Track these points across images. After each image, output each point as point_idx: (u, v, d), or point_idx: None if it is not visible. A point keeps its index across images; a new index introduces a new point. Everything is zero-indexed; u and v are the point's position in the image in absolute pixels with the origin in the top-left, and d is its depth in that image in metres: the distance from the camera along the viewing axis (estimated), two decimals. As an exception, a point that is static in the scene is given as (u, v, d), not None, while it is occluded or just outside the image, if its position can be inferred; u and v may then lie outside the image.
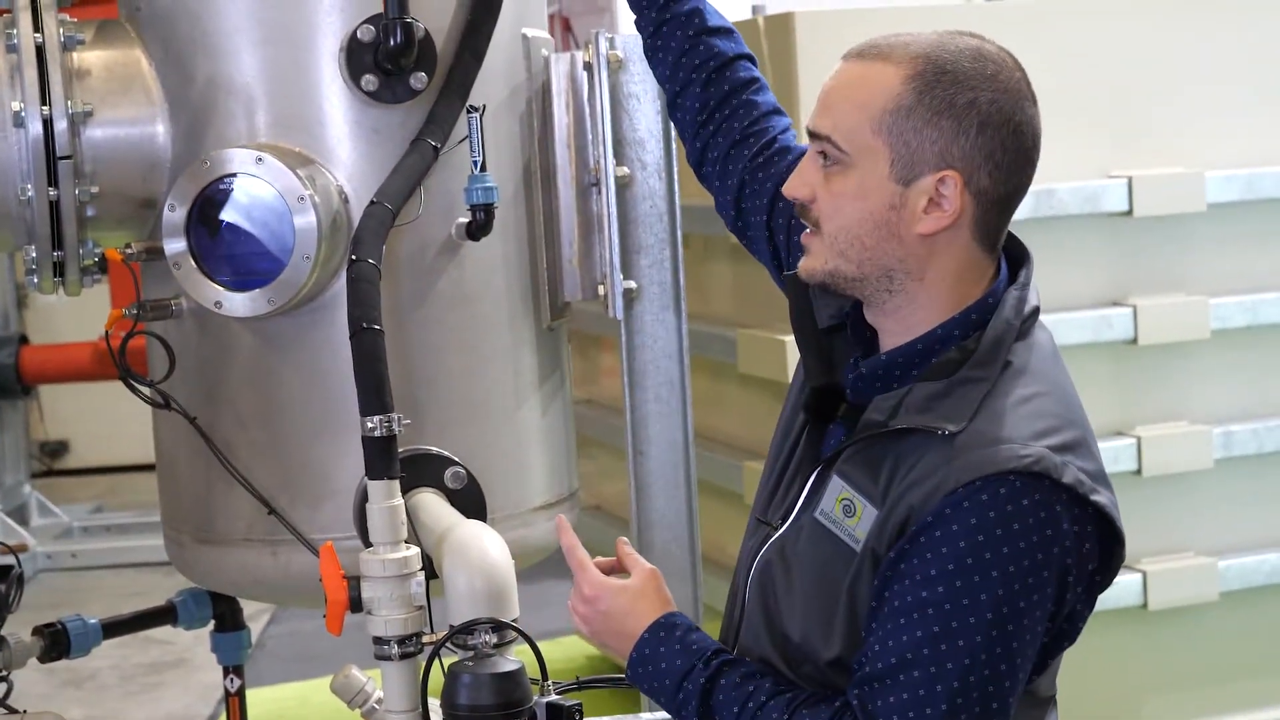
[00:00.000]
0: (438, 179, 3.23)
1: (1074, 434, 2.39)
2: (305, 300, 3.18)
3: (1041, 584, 2.31)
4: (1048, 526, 2.30)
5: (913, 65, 2.38)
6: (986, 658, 2.29)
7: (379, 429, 2.86)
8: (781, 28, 4.82)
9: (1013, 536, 2.28)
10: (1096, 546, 2.36)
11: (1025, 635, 2.32)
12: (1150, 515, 4.97)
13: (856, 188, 2.41)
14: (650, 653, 2.52)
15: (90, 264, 3.33)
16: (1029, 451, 2.31)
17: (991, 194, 2.40)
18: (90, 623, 3.83)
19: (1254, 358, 5.07)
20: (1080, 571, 2.35)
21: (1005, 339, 2.41)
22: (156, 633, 4.35)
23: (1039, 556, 2.29)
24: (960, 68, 2.38)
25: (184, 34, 3.27)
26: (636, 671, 2.54)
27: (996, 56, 2.42)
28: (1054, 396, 2.41)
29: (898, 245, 2.41)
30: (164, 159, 3.29)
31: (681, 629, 2.53)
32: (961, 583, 2.29)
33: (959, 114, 2.36)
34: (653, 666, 2.51)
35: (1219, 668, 5.08)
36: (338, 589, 2.82)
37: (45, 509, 9.94)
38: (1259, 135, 5.11)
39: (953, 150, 2.37)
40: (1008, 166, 2.40)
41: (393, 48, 3.14)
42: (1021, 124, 2.40)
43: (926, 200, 2.38)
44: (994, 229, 2.44)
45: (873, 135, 2.39)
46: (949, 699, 2.29)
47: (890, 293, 2.45)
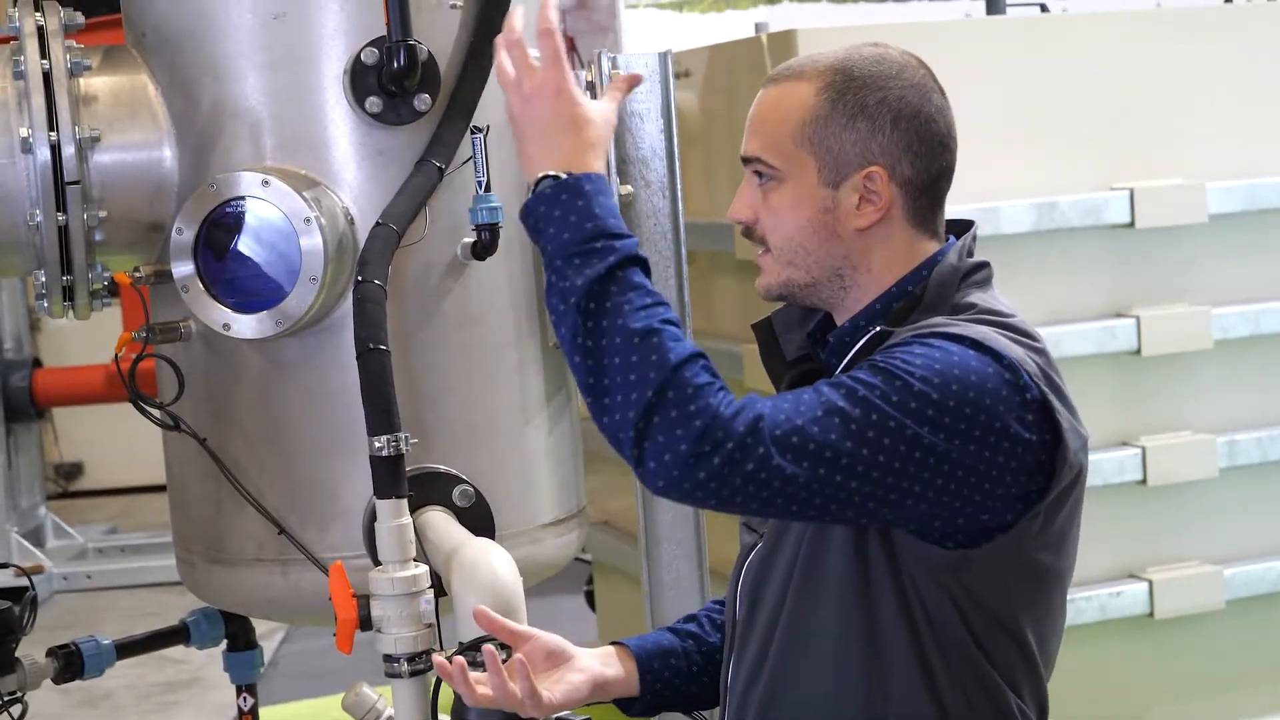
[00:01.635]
0: (443, 200, 3.24)
1: (1034, 344, 2.46)
2: (312, 322, 3.18)
3: (968, 423, 2.33)
4: (986, 374, 2.34)
5: (822, 78, 2.53)
6: (881, 419, 2.30)
7: (386, 448, 2.87)
8: (784, 45, 4.82)
9: (952, 366, 2.33)
10: (1036, 423, 2.38)
11: (935, 437, 2.32)
12: (1156, 524, 4.96)
13: (792, 199, 2.54)
14: (590, 188, 2.38)
15: (99, 287, 3.34)
16: (969, 327, 2.40)
17: (916, 181, 2.54)
18: (104, 643, 3.83)
19: (1257, 367, 5.06)
20: (1021, 429, 2.36)
21: (950, 281, 2.53)
22: (171, 652, 4.35)
23: (972, 394, 2.33)
24: (866, 72, 2.53)
25: (189, 59, 3.28)
26: (558, 195, 2.38)
27: (899, 59, 2.57)
28: (1017, 321, 2.50)
29: (839, 244, 2.54)
30: (171, 183, 3.30)
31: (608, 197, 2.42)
32: (894, 394, 2.32)
33: (872, 113, 2.51)
34: (584, 201, 2.37)
35: (1225, 676, 5.07)
36: (347, 607, 2.83)
37: (60, 530, 9.95)
38: (1259, 146, 5.10)
39: (872, 147, 2.51)
40: (926, 154, 2.54)
41: (396, 70, 3.15)
42: (931, 114, 2.54)
43: (858, 198, 2.52)
44: (926, 213, 2.57)
45: (796, 147, 2.53)
46: (829, 409, 2.30)
47: (844, 290, 2.57)
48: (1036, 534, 2.44)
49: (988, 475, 2.36)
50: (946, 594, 2.44)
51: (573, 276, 2.34)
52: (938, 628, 2.44)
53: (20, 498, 9.59)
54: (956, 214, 4.28)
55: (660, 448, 2.28)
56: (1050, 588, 2.52)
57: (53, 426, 11.02)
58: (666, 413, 2.28)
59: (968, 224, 2.66)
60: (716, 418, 2.28)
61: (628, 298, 2.33)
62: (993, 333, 2.42)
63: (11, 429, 9.47)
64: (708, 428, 2.27)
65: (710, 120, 5.30)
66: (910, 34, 4.97)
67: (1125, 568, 4.93)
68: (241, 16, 3.24)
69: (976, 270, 2.58)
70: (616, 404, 2.30)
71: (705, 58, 5.34)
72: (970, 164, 4.70)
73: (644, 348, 2.30)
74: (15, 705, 3.58)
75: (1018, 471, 2.38)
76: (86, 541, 9.92)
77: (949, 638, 2.45)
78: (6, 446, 9.32)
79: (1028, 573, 2.47)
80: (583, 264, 2.34)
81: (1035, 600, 2.50)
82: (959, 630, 2.45)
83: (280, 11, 3.22)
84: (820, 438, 2.30)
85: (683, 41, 5.76)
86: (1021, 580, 2.47)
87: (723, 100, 5.24)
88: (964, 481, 2.35)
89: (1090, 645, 4.74)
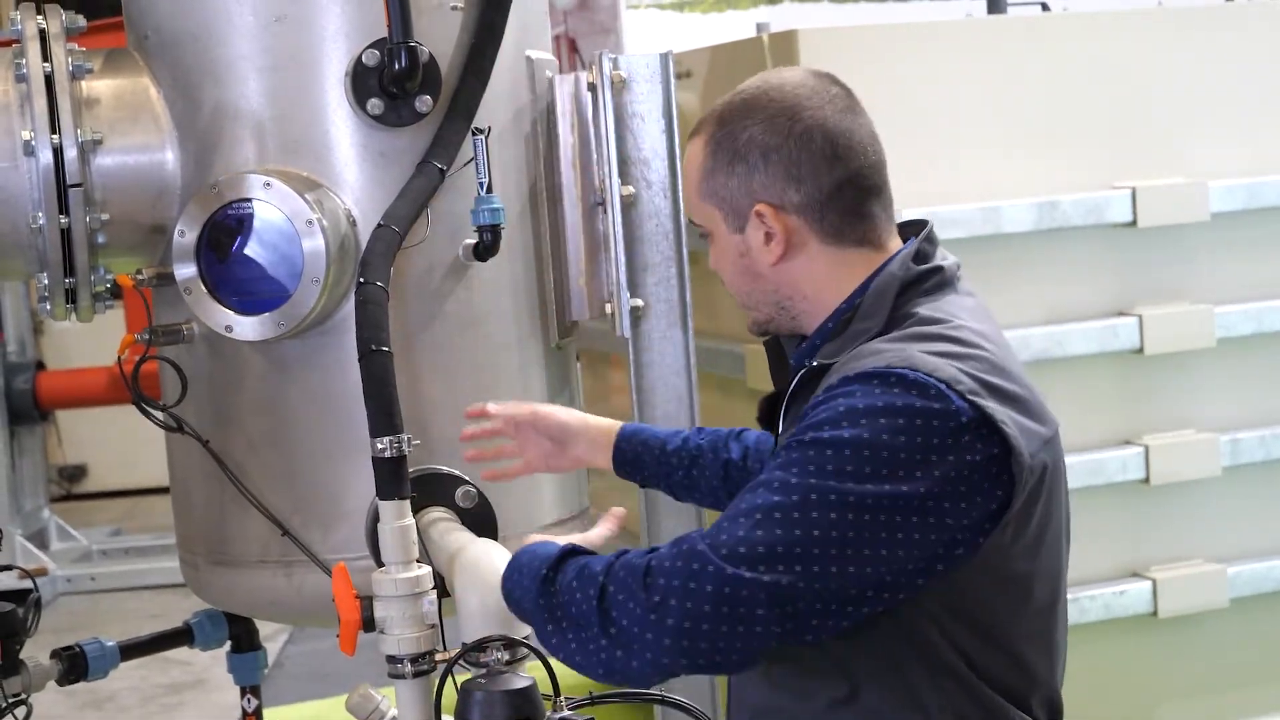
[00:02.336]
0: (444, 201, 3.24)
1: (970, 350, 2.44)
2: (315, 323, 3.18)
3: (905, 457, 2.32)
4: (912, 413, 2.33)
5: (707, 129, 2.63)
6: (822, 498, 2.31)
7: (389, 450, 2.87)
8: (785, 45, 4.82)
9: (876, 416, 2.33)
10: (978, 441, 2.35)
11: (878, 501, 2.31)
12: (1159, 523, 4.96)
13: (719, 251, 2.68)
14: (515, 563, 2.60)
15: (102, 290, 3.34)
16: (896, 353, 2.40)
17: (812, 202, 2.57)
18: (108, 645, 3.83)
19: (1260, 365, 5.06)
20: (957, 459, 2.34)
21: (888, 289, 2.54)
22: (175, 654, 4.35)
23: (901, 436, 2.32)
24: (735, 113, 2.60)
25: (191, 61, 3.28)
26: (505, 586, 2.60)
27: (777, 83, 2.61)
28: (960, 330, 2.48)
29: (765, 282, 2.63)
30: (173, 185, 3.30)
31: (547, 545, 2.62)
32: (816, 463, 2.33)
33: (743, 154, 2.58)
34: (518, 574, 2.57)
35: (1229, 674, 5.06)
36: (350, 609, 2.83)
37: (64, 533, 9.97)
38: (1261, 144, 5.10)
39: (753, 186, 2.58)
40: (810, 173, 2.56)
41: (397, 72, 3.15)
42: (801, 133, 2.56)
43: (763, 235, 2.59)
44: (842, 226, 2.59)
45: (702, 203, 2.65)
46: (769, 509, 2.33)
47: (795, 318, 2.65)
48: (1010, 544, 2.42)
49: (939, 511, 2.34)
50: (930, 618, 2.42)
51: (540, 613, 2.53)
52: (926, 655, 2.43)
53: (24, 500, 9.60)
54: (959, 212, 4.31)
55: (628, 632, 2.37)
56: (1035, 592, 2.50)
57: (56, 429, 11.02)
58: (614, 599, 2.39)
59: (921, 224, 2.65)
60: (651, 570, 2.36)
61: (567, 578, 2.47)
62: (920, 354, 2.39)
63: (15, 431, 9.48)
64: (650, 582, 2.35)
65: (712, 121, 5.30)
66: (911, 34, 4.98)
67: (1129, 567, 4.93)
68: (243, 19, 3.24)
69: (925, 278, 2.56)
70: (584, 641, 2.44)
71: (707, 58, 5.34)
72: (971, 163, 4.75)
73: (580, 583, 2.44)
74: (20, 707, 3.58)
75: (970, 495, 2.36)
76: (90, 544, 9.94)
77: (938, 663, 2.44)
78: (10, 449, 9.33)
79: (1008, 583, 2.46)
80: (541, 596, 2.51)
81: (1021, 608, 2.49)
82: (948, 654, 2.44)
83: (281, 14, 3.22)
84: (766, 539, 2.31)
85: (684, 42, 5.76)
86: (1002, 591, 2.46)
87: (725, 101, 5.24)
88: (920, 526, 2.33)
89: (1094, 644, 4.73)
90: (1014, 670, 2.49)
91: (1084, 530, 4.76)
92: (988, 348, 2.47)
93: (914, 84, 4.65)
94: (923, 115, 4.63)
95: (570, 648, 2.47)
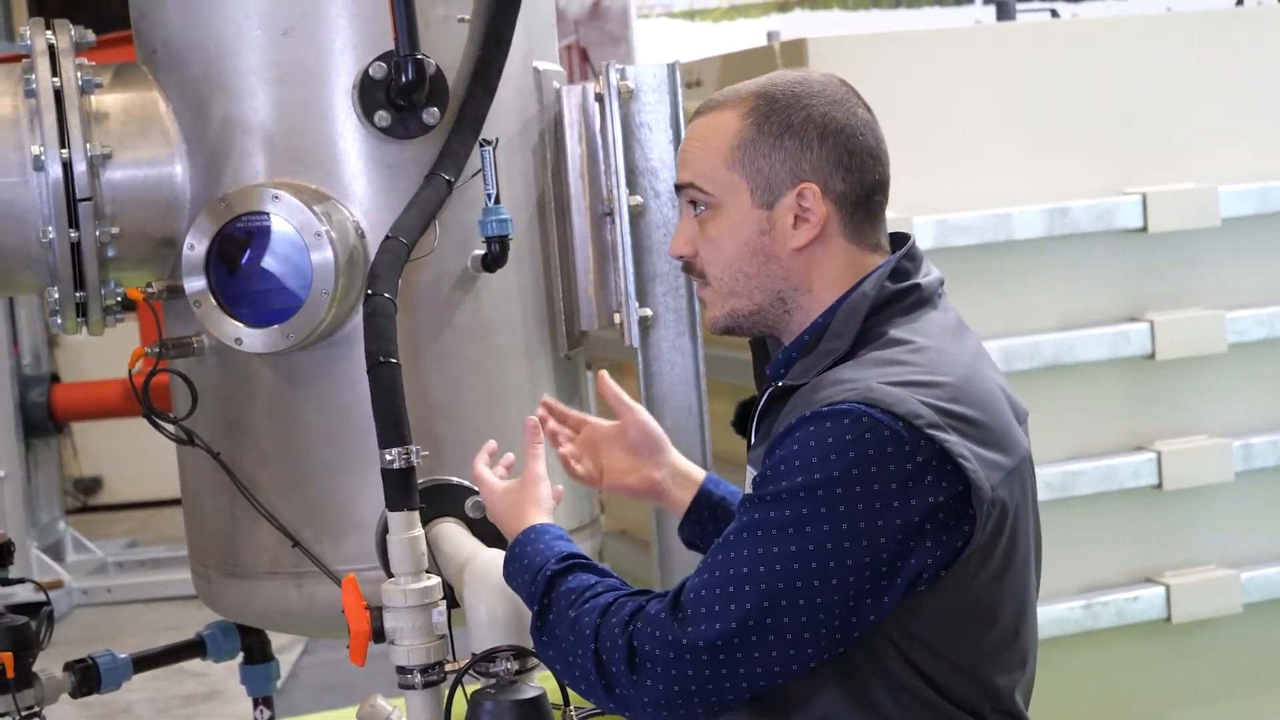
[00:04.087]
0: (452, 212, 3.25)
1: (933, 377, 2.43)
2: (324, 335, 3.20)
3: (863, 507, 2.33)
4: (870, 455, 2.33)
5: (745, 104, 2.57)
6: (789, 566, 2.33)
7: (398, 461, 2.88)
8: (796, 54, 4.83)
9: (830, 465, 2.33)
10: (941, 479, 2.36)
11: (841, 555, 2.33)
12: (1172, 529, 4.96)
13: (728, 225, 2.57)
14: (519, 550, 2.62)
15: (113, 303, 3.35)
16: (857, 386, 2.38)
17: (849, 196, 2.55)
18: (120, 657, 3.85)
19: (1272, 370, 5.06)
20: (919, 502, 2.34)
21: (858, 308, 2.51)
22: (190, 665, 4.37)
23: (857, 486, 2.32)
24: (788, 93, 2.55)
25: (200, 75, 3.30)
26: (508, 569, 2.64)
27: (820, 79, 2.59)
28: (925, 354, 2.47)
29: (778, 266, 2.56)
30: (182, 198, 3.31)
31: (551, 534, 2.64)
32: (775, 511, 2.35)
33: (798, 131, 2.53)
34: (519, 563, 2.61)
35: (1243, 680, 5.06)
36: (360, 620, 2.84)
37: (80, 545, 9.98)
38: (1272, 149, 5.10)
39: (802, 165, 2.53)
40: (857, 167, 2.55)
41: (405, 84, 3.16)
42: (857, 128, 2.56)
43: (793, 217, 2.54)
44: (864, 227, 2.58)
45: (728, 172, 2.56)
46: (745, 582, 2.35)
47: (788, 314, 2.59)
48: (973, 575, 2.42)
49: (904, 553, 2.34)
50: (890, 642, 2.43)
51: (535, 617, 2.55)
52: (884, 671, 2.43)
53: (40, 512, 9.62)
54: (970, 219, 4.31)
55: (626, 689, 2.42)
56: (999, 618, 2.49)
57: (71, 441, 11.04)
58: (607, 668, 2.42)
59: (903, 238, 2.63)
60: (634, 649, 2.40)
61: (557, 610, 2.50)
62: (880, 387, 2.37)
63: (30, 444, 9.50)
64: (631, 645, 2.40)
65: (722, 129, 5.31)
66: (921, 41, 4.98)
67: (1141, 572, 4.92)
68: (251, 32, 3.25)
69: (901, 296, 2.54)
70: (581, 671, 2.46)
71: (717, 67, 5.35)
72: (981, 170, 4.76)
73: (576, 640, 2.46)
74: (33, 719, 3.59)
75: (935, 534, 2.36)
76: (106, 555, 9.95)
77: (898, 681, 2.44)
78: (26, 461, 9.35)
79: (971, 611, 2.45)
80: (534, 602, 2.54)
81: (984, 634, 2.48)
82: (907, 674, 2.44)
83: (289, 27, 3.23)
84: (737, 615, 2.35)
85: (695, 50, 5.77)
86: (965, 618, 2.45)
87: (734, 109, 5.25)
88: (888, 572, 2.34)
89: (1107, 650, 4.73)
90: (976, 692, 2.48)
91: (1096, 536, 4.79)
92: (951, 373, 2.45)
93: (924, 91, 4.66)
94: (932, 122, 4.64)
95: (563, 668, 2.52)
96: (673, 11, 8.76)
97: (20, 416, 9.30)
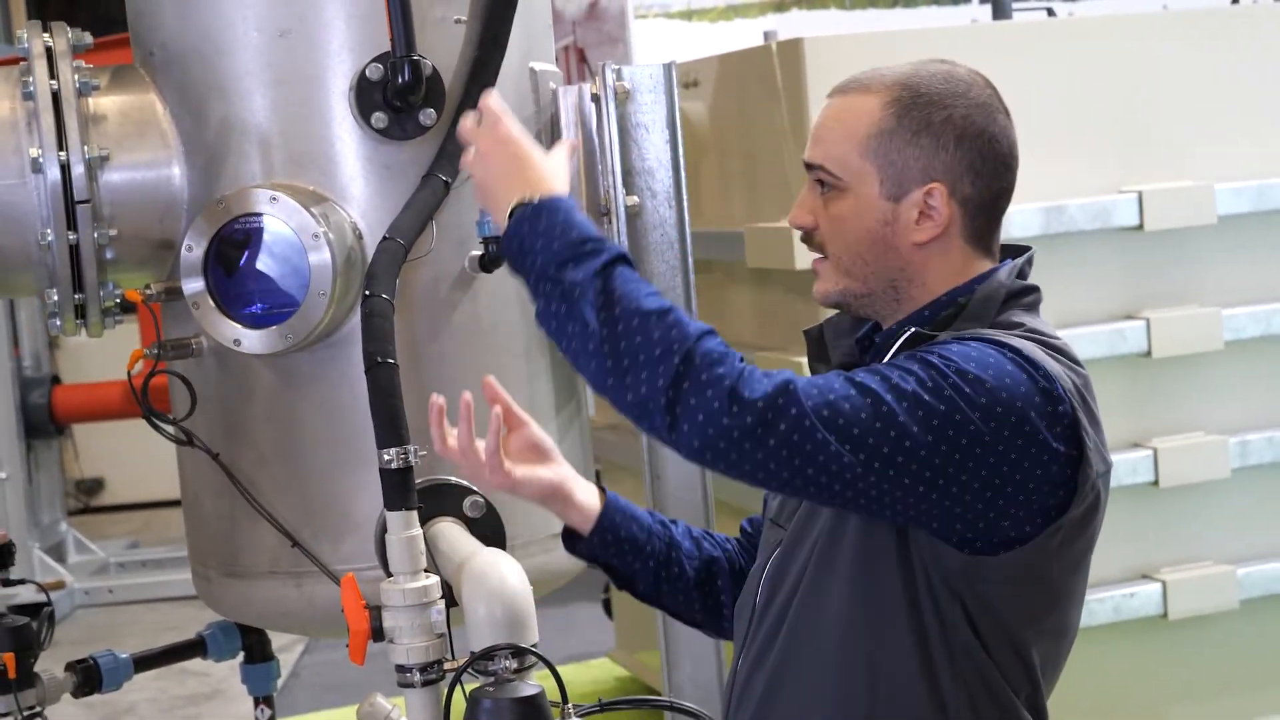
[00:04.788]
0: (450, 213, 3.25)
1: (1072, 365, 2.47)
2: (322, 336, 3.20)
3: (1014, 418, 2.35)
4: (1026, 392, 2.36)
5: (889, 92, 2.54)
6: (913, 406, 2.33)
7: (395, 461, 2.88)
8: (792, 53, 4.83)
9: (990, 368, 2.36)
10: (1064, 441, 2.40)
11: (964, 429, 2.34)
12: (1169, 525, 4.96)
13: (852, 209, 2.56)
14: (566, 205, 2.47)
15: (111, 305, 3.36)
16: (1017, 338, 2.43)
17: (975, 200, 2.55)
18: (121, 657, 3.85)
19: (1268, 368, 5.06)
20: (1045, 441, 2.38)
21: (996, 295, 2.53)
22: (193, 665, 4.37)
23: (1017, 402, 2.35)
24: (933, 89, 2.54)
25: (197, 77, 3.30)
26: (538, 213, 2.45)
27: (966, 77, 2.58)
28: (1059, 344, 2.51)
29: (896, 257, 2.55)
30: (180, 200, 3.31)
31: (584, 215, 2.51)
32: (925, 370, 2.36)
33: (936, 131, 2.52)
34: (564, 215, 2.44)
35: (1240, 675, 5.06)
36: (359, 619, 2.84)
37: (82, 546, 9.98)
38: (1267, 147, 5.10)
39: (935, 164, 2.52)
40: (988, 174, 2.55)
41: (401, 85, 3.16)
42: (995, 134, 2.55)
43: (917, 213, 2.53)
44: (983, 231, 2.58)
45: (860, 159, 2.54)
46: (863, 390, 2.34)
47: (897, 301, 2.59)
48: (1055, 551, 2.44)
49: (1012, 477, 2.37)
50: (958, 599, 2.45)
51: (573, 274, 2.39)
52: (947, 629, 2.45)
53: (41, 513, 9.62)
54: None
55: (693, 409, 2.32)
56: (1063, 607, 2.52)
57: (73, 443, 11.04)
58: (696, 376, 2.32)
59: (1025, 249, 2.65)
60: (744, 377, 2.33)
61: (633, 284, 2.39)
62: (1034, 347, 2.43)
63: (32, 445, 9.50)
64: (737, 387, 2.32)
65: (721, 129, 5.31)
66: (918, 40, 4.98)
67: (1138, 569, 4.93)
68: (248, 35, 3.26)
69: (1026, 293, 2.58)
70: (642, 379, 2.34)
71: (715, 67, 5.35)
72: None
73: (662, 324, 2.35)
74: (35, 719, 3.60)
75: (1042, 480, 2.39)
76: (108, 556, 9.94)
77: (958, 641, 2.46)
78: (27, 463, 9.35)
79: (1041, 589, 2.48)
80: (580, 263, 2.40)
81: (1045, 619, 2.51)
82: (967, 634, 2.46)
83: (286, 29, 3.24)
84: (852, 415, 2.33)
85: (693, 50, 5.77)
86: (1034, 597, 2.48)
87: (733, 109, 5.26)
88: (989, 480, 2.37)
89: (1104, 646, 4.74)
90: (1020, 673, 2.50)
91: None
92: (1082, 370, 2.50)
93: (919, 90, 4.66)
94: (928, 121, 4.64)
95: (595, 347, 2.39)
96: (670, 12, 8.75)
97: (21, 418, 9.30)
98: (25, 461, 9.30)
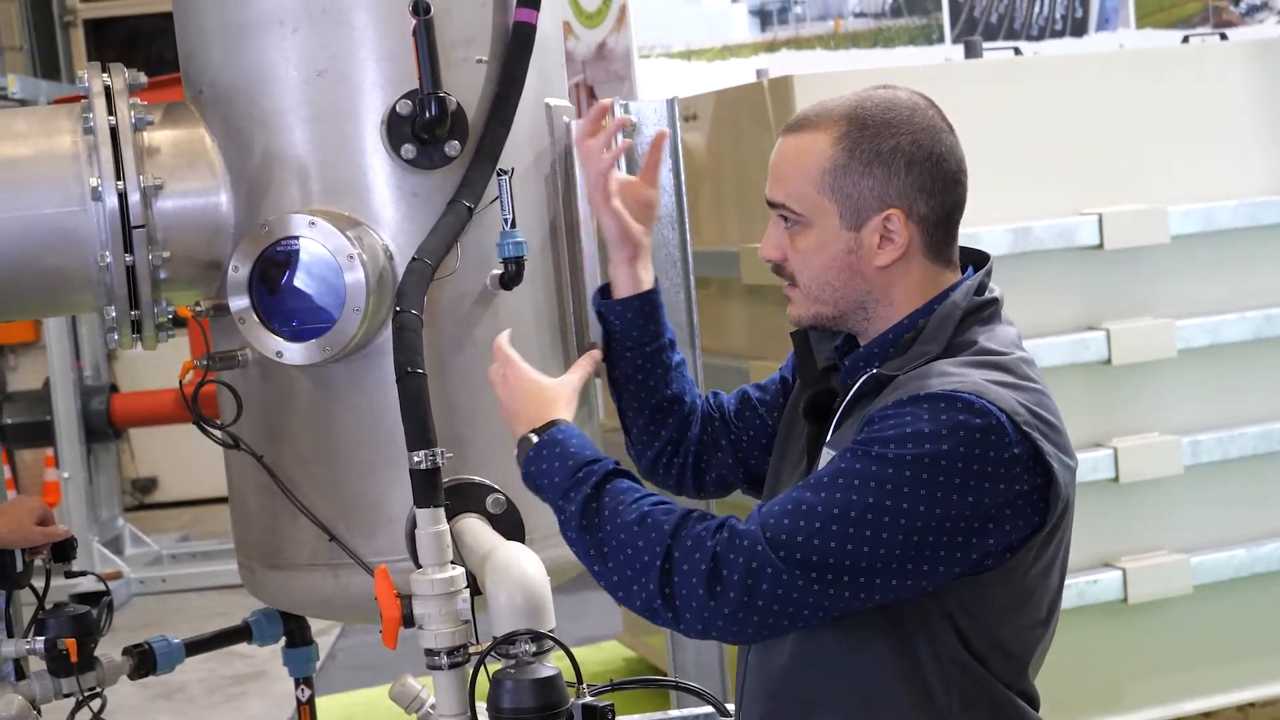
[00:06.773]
0: (473, 236, 3.23)
1: (1025, 383, 2.42)
2: (356, 348, 3.19)
3: (959, 482, 2.31)
4: (976, 439, 2.31)
5: (837, 128, 2.50)
6: (877, 517, 2.31)
7: (424, 462, 2.87)
8: (782, 89, 4.83)
9: (939, 439, 2.31)
10: (1027, 472, 2.35)
11: (928, 520, 2.31)
12: (1128, 518, 4.96)
13: (817, 242, 2.53)
14: (562, 436, 2.63)
15: (164, 321, 3.34)
16: (965, 379, 2.37)
17: (931, 218, 2.51)
18: (174, 642, 3.83)
19: (1217, 374, 5.07)
20: (1006, 487, 2.33)
21: (951, 316, 2.49)
22: (239, 648, 4.36)
23: (959, 463, 2.31)
24: (879, 119, 2.49)
25: (243, 113, 3.29)
26: (540, 452, 2.64)
27: (909, 101, 2.53)
28: (1013, 361, 2.45)
29: (862, 281, 2.53)
30: (227, 225, 3.30)
31: (583, 436, 2.65)
32: (878, 468, 2.32)
33: (887, 159, 2.48)
34: (560, 448, 2.61)
35: (1193, 655, 5.06)
36: (392, 607, 2.83)
37: (138, 539, 9.98)
38: (1215, 171, 5.11)
39: (889, 191, 2.48)
40: (940, 192, 2.51)
41: (429, 119, 3.15)
42: (943, 154, 2.51)
43: (878, 238, 2.50)
44: (941, 244, 2.54)
45: (818, 195, 2.51)
46: (827, 518, 2.32)
47: (867, 320, 2.56)
48: (1031, 562, 2.42)
49: (983, 531, 2.34)
50: (949, 617, 2.42)
51: (571, 505, 2.55)
52: (938, 646, 2.43)
53: (101, 510, 9.63)
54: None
55: (685, 600, 2.38)
56: (1040, 603, 2.49)
57: (129, 445, 11.06)
58: (680, 569, 2.38)
59: (984, 258, 2.62)
60: (717, 557, 2.35)
61: (617, 500, 2.49)
62: (983, 382, 2.37)
63: (92, 448, 9.50)
64: (714, 568, 2.35)
65: (717, 158, 5.31)
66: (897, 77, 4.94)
67: (1100, 557, 4.93)
68: (288, 74, 3.24)
69: (984, 308, 2.53)
70: (641, 585, 2.43)
71: (712, 102, 5.35)
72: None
73: (644, 531, 2.42)
74: (95, 700, 3.59)
75: (1013, 519, 2.36)
76: (161, 549, 9.95)
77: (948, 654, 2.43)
78: (87, 464, 9.35)
79: (1022, 595, 2.45)
80: (575, 492, 2.54)
81: (1027, 619, 2.48)
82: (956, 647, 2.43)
83: (323, 69, 3.23)
84: (823, 552, 2.32)
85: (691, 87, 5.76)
86: (1015, 602, 2.45)
87: (729, 140, 5.25)
88: (967, 556, 2.34)
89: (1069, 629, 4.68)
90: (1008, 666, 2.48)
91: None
92: (1037, 381, 2.46)
93: (899, 123, 4.65)
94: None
95: (603, 568, 2.50)
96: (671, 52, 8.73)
97: (82, 423, 9.30)
98: (86, 463, 9.31)
